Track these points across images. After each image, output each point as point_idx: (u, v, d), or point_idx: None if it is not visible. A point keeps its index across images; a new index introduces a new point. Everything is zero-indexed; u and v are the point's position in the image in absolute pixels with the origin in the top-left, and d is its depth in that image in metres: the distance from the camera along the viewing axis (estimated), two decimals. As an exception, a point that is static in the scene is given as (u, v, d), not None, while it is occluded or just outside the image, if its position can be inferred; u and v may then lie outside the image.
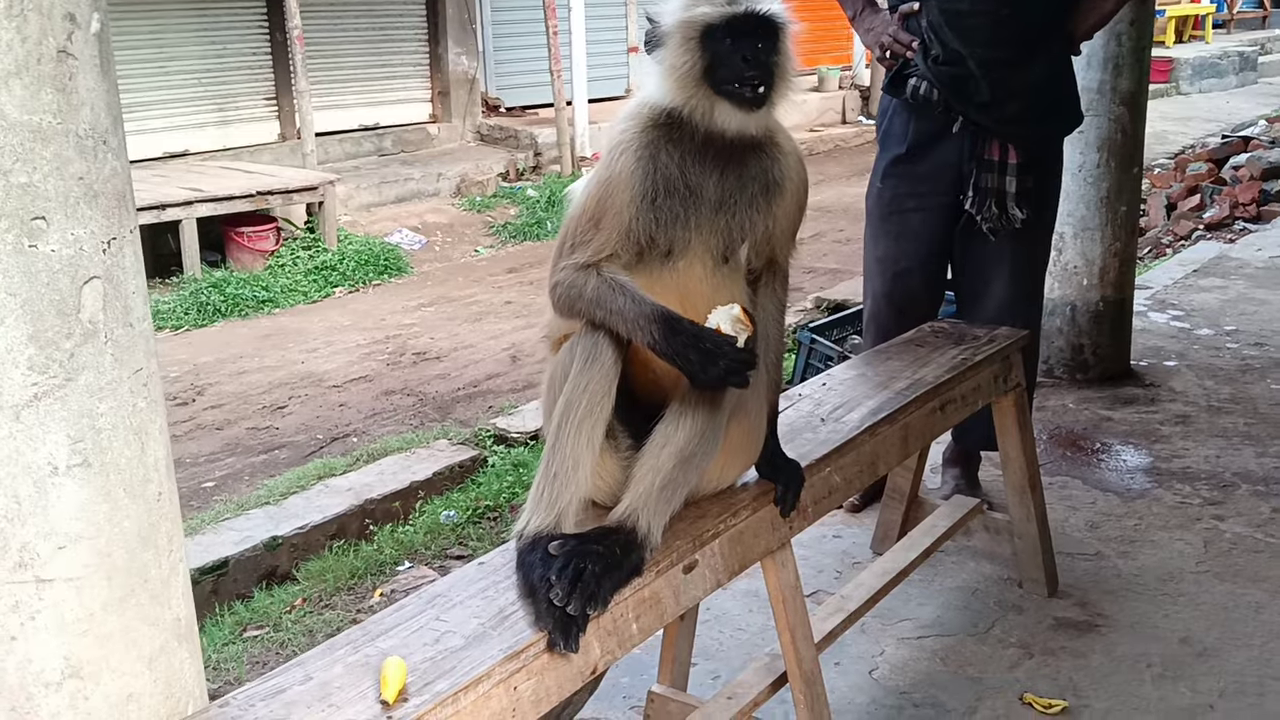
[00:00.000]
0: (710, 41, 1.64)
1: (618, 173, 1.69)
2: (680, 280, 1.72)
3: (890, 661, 2.57)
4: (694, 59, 1.65)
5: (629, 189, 1.68)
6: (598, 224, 1.69)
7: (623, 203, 1.68)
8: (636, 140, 1.70)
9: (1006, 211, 2.93)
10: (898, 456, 2.33)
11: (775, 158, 1.76)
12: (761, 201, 1.75)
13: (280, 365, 6.16)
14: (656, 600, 1.67)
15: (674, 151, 1.69)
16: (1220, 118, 12.93)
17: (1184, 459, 3.65)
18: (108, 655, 1.33)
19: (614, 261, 1.70)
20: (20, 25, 1.22)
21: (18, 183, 1.23)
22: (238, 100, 9.48)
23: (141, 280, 1.42)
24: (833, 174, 10.82)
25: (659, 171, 1.68)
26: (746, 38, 1.64)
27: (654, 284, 1.71)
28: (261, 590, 3.72)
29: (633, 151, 1.69)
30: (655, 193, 1.68)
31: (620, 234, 1.68)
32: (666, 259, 1.71)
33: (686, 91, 1.66)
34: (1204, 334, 4.91)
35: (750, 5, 1.64)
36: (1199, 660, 2.57)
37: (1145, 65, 4.22)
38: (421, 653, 1.43)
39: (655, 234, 1.69)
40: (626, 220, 1.68)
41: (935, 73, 2.90)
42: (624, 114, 1.76)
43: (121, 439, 1.35)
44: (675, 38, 1.66)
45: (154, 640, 1.39)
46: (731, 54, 1.64)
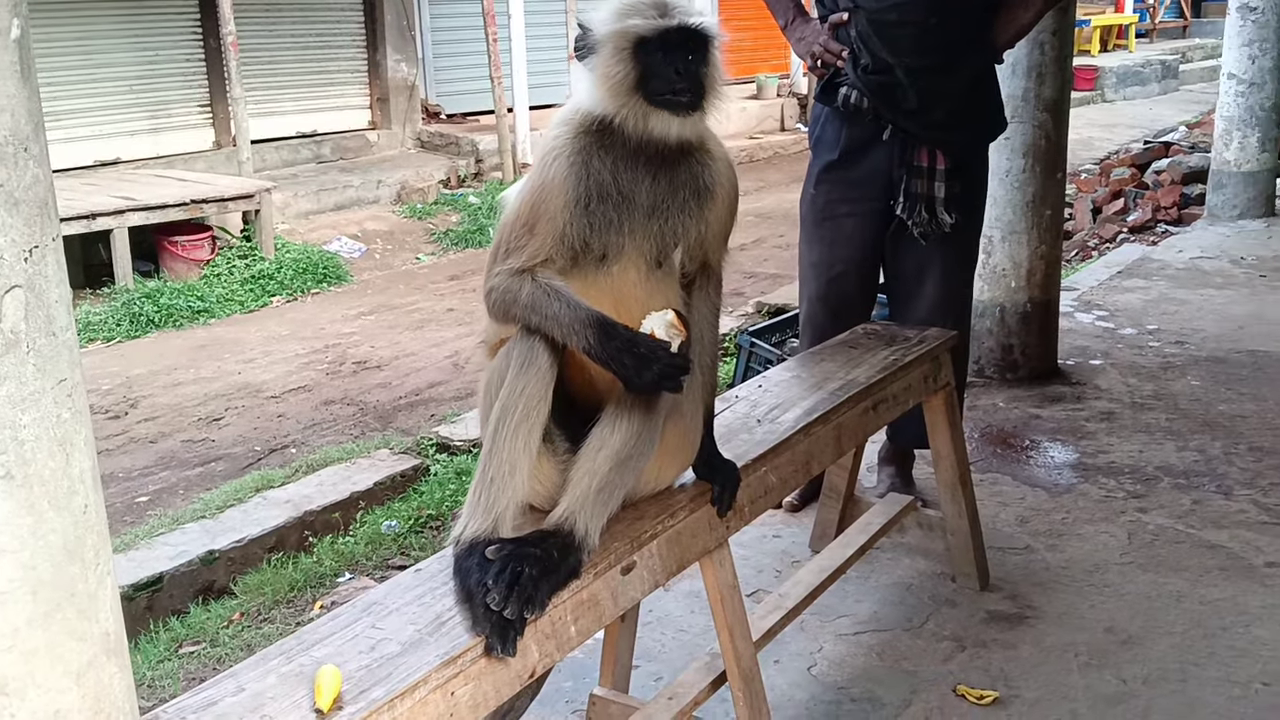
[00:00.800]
0: (642, 53, 1.67)
1: (551, 178, 1.70)
2: (615, 284, 1.74)
3: (828, 658, 2.61)
4: (626, 69, 1.67)
5: (562, 194, 1.69)
6: (532, 229, 1.70)
7: (556, 208, 1.69)
8: (569, 146, 1.72)
9: (936, 216, 3.01)
10: (832, 455, 2.37)
11: (706, 164, 1.79)
12: (693, 206, 1.78)
13: (216, 376, 6.07)
14: (595, 602, 1.69)
15: (606, 157, 1.71)
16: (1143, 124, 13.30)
17: (1109, 454, 3.76)
18: (33, 671, 1.31)
19: (549, 267, 1.71)
20: (-65, 31, 1.20)
21: (-67, 191, 1.21)
22: (171, 107, 9.31)
23: (65, 289, 1.40)
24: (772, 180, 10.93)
25: (592, 177, 1.70)
26: (677, 49, 1.67)
27: (589, 288, 1.72)
28: (198, 606, 3.66)
29: (565, 157, 1.71)
30: (589, 198, 1.70)
31: (554, 239, 1.69)
32: (601, 263, 1.73)
33: (619, 100, 1.68)
34: (1128, 333, 5.05)
35: (682, 19, 1.68)
36: (1123, 649, 2.64)
37: (1067, 73, 4.34)
38: (357, 660, 1.43)
39: (589, 239, 1.71)
40: (560, 225, 1.69)
41: (865, 81, 2.96)
42: (556, 120, 1.77)
43: (45, 451, 1.33)
44: (608, 48, 1.68)
45: (82, 655, 1.36)
46: (663, 65, 1.67)
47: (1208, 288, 5.75)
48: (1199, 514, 3.31)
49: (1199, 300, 5.52)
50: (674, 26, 1.66)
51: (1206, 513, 3.31)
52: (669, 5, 1.69)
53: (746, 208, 10.19)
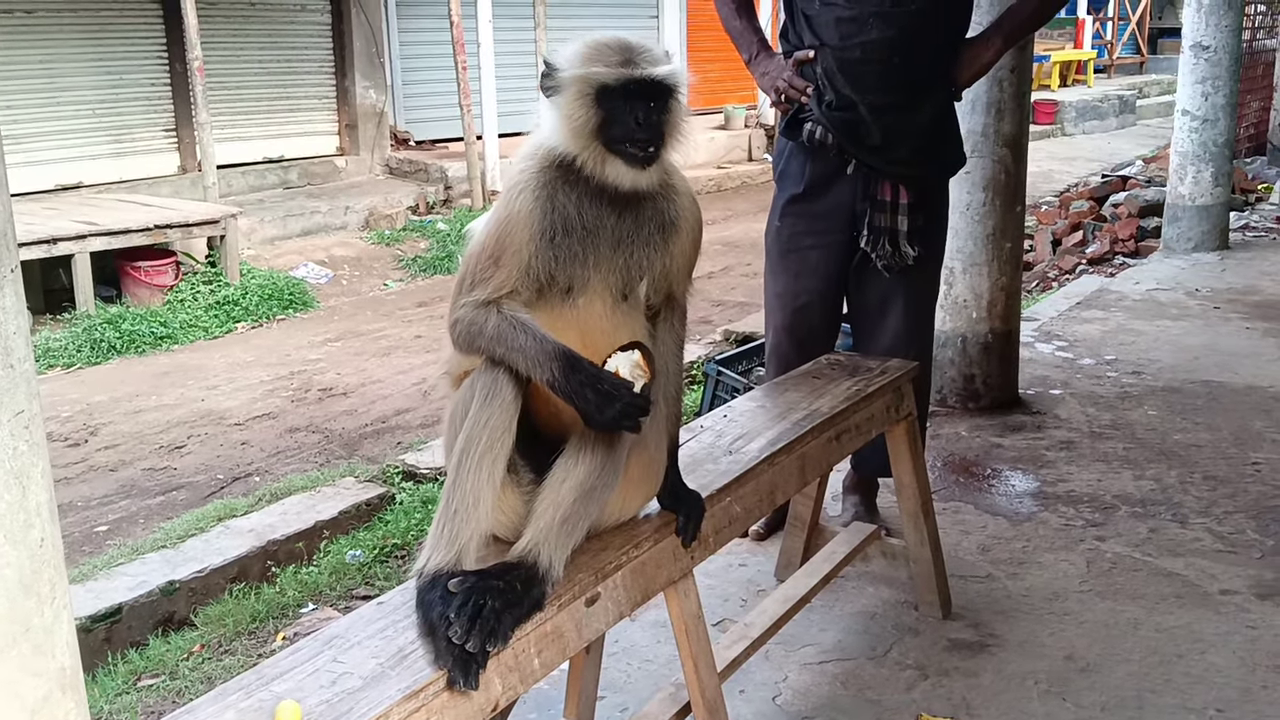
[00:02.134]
0: (604, 100, 1.68)
1: (516, 211, 1.72)
2: (580, 317, 1.75)
3: (793, 687, 2.61)
4: (588, 115, 1.69)
5: (528, 227, 1.71)
6: (497, 261, 1.71)
7: (522, 240, 1.70)
8: (534, 180, 1.73)
9: (899, 249, 3.05)
10: (796, 485, 2.39)
11: (670, 198, 1.81)
12: (658, 240, 1.80)
13: (179, 403, 6.00)
14: (559, 634, 1.69)
15: (571, 192, 1.73)
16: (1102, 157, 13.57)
17: (1068, 483, 3.80)
18: (-13, 707, 1.29)
19: (514, 299, 1.72)
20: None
21: (-109, 222, 1.20)
22: (135, 131, 9.25)
23: (23, 320, 1.39)
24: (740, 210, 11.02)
25: (557, 211, 1.72)
26: (639, 99, 1.69)
27: (555, 321, 1.73)
28: (158, 637, 3.60)
29: (530, 191, 1.72)
30: (554, 231, 1.71)
31: (520, 271, 1.71)
32: (566, 296, 1.74)
33: (580, 144, 1.70)
34: (1086, 363, 5.13)
35: (645, 70, 1.69)
36: (1082, 676, 2.67)
37: (1026, 109, 4.43)
38: (318, 695, 1.42)
39: (555, 271, 1.72)
40: (526, 258, 1.70)
41: (829, 117, 3.00)
42: (521, 153, 1.79)
43: (1, 483, 1.31)
44: (571, 91, 1.70)
45: (37, 690, 1.35)
46: (624, 114, 1.68)
47: (1164, 319, 5.85)
48: (1155, 542, 3.36)
49: (1155, 331, 5.62)
50: (637, 77, 1.68)
51: (1163, 541, 3.36)
52: (634, 52, 1.70)
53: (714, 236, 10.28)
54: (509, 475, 1.74)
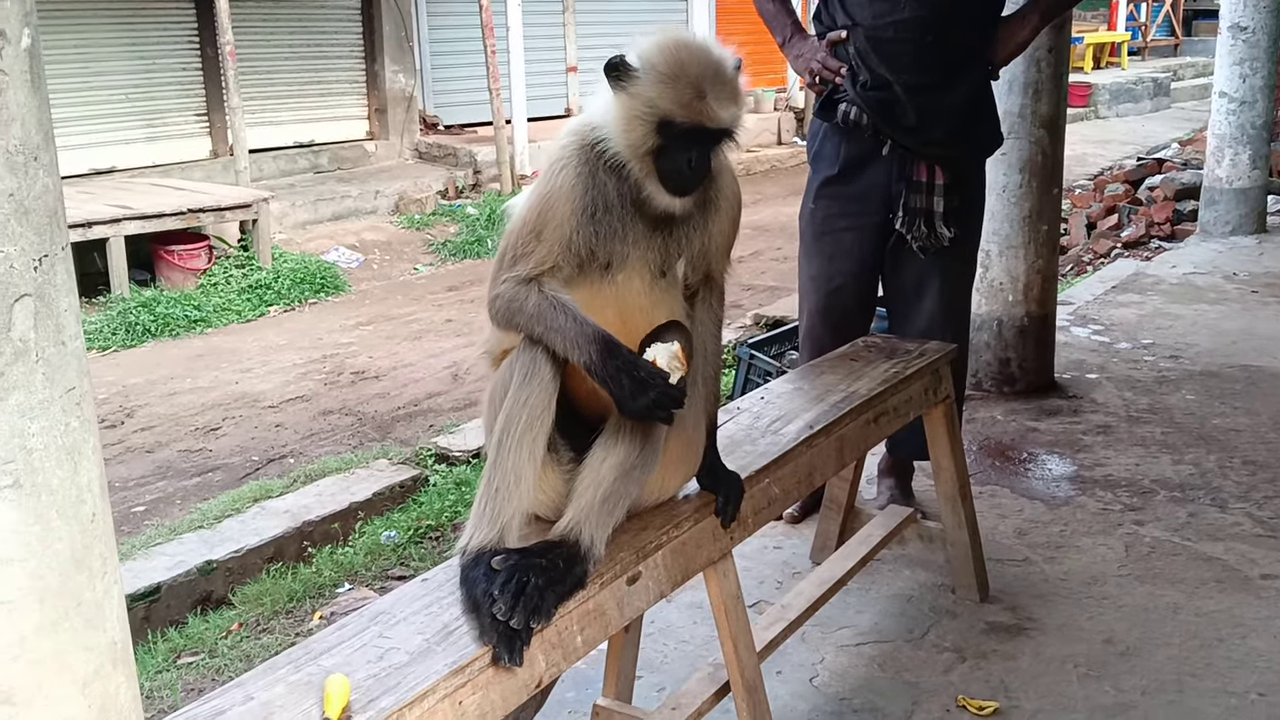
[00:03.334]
0: (665, 130, 1.66)
1: (558, 186, 1.72)
2: (619, 294, 1.75)
3: (830, 669, 2.61)
4: (644, 138, 1.67)
5: (569, 202, 1.70)
6: (539, 235, 1.71)
7: (563, 215, 1.70)
8: (577, 157, 1.73)
9: (935, 230, 3.02)
10: (834, 467, 2.38)
11: (711, 177, 1.80)
12: (698, 218, 1.79)
13: (213, 386, 6.06)
14: (601, 612, 1.69)
15: (611, 172, 1.72)
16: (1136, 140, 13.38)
17: (1106, 467, 3.77)
18: (40, 681, 1.31)
19: (555, 275, 1.72)
20: (-54, 40, 1.20)
21: (-55, 200, 1.21)
22: (167, 116, 9.32)
23: (74, 298, 1.40)
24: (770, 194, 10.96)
25: (597, 188, 1.71)
26: (698, 140, 1.68)
27: (593, 297, 1.73)
28: (196, 616, 3.65)
29: (573, 167, 1.72)
30: (595, 208, 1.71)
31: (561, 246, 1.71)
32: (605, 272, 1.74)
33: (629, 154, 1.69)
34: (1123, 348, 5.07)
35: (713, 116, 1.66)
36: (1122, 660, 2.65)
37: (1063, 90, 4.37)
38: (365, 670, 1.43)
39: (595, 247, 1.72)
40: (567, 233, 1.70)
41: (863, 98, 2.98)
42: (567, 129, 1.78)
43: (54, 459, 1.33)
44: (635, 104, 1.67)
45: (88, 665, 1.36)
46: (680, 152, 1.67)
47: (1201, 303, 5.78)
48: (1195, 527, 3.32)
49: (1193, 315, 5.55)
50: (704, 126, 1.66)
51: (1202, 525, 3.33)
52: (711, 84, 1.66)
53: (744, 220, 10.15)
54: (549, 454, 1.74)
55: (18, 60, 1.30)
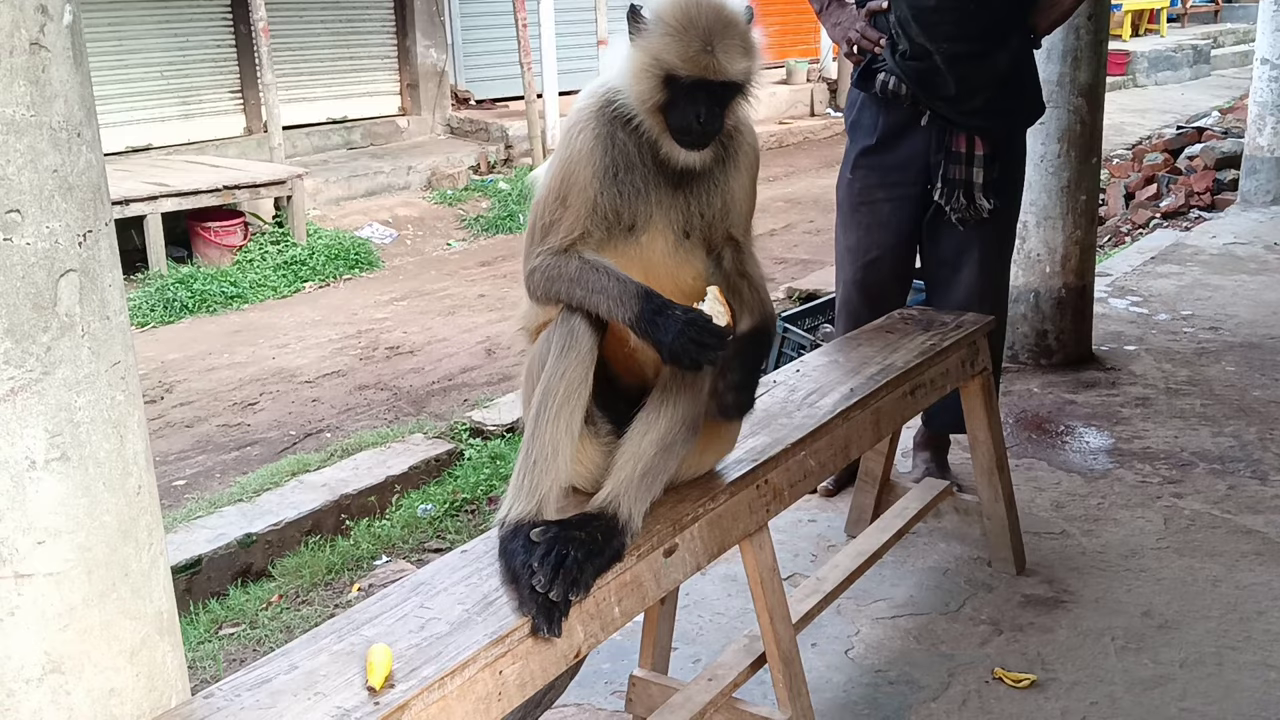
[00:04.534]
0: (671, 85, 1.65)
1: (578, 150, 1.72)
2: (644, 254, 1.75)
3: (865, 641, 2.61)
4: (652, 93, 1.66)
5: (590, 164, 1.70)
6: (564, 201, 1.71)
7: (586, 178, 1.70)
8: (594, 119, 1.72)
9: (974, 202, 2.99)
10: (870, 440, 2.37)
11: (730, 134, 1.78)
12: (718, 175, 1.78)
13: (250, 361, 6.12)
14: (638, 584, 1.70)
15: (630, 131, 1.71)
16: (1175, 109, 13.12)
17: (1144, 440, 3.73)
18: (89, 650, 1.33)
19: (586, 242, 1.72)
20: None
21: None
22: (201, 93, 9.38)
23: (118, 273, 1.42)
24: (802, 166, 10.87)
25: (617, 148, 1.71)
26: (706, 93, 1.65)
27: (620, 259, 1.73)
28: (237, 588, 3.71)
29: (590, 130, 1.72)
30: (616, 167, 1.71)
31: (588, 208, 1.70)
32: (630, 234, 1.74)
33: (642, 111, 1.69)
34: (1162, 319, 5.00)
35: (719, 69, 1.64)
36: (1160, 633, 2.63)
37: (1103, 58, 4.29)
38: (407, 639, 1.45)
39: (620, 207, 1.72)
40: (592, 195, 1.70)
41: (903, 67, 2.94)
42: (584, 94, 1.78)
43: (100, 432, 1.35)
44: (642, 61, 1.66)
45: (135, 634, 1.39)
46: (688, 106, 1.65)
47: (1241, 273, 5.68)
48: (1234, 499, 3.28)
49: (1233, 286, 5.45)
50: (708, 79, 1.64)
51: (1242, 498, 3.29)
52: (718, 36, 1.64)
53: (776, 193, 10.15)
54: (587, 426, 1.75)
55: (60, 36, 1.31)
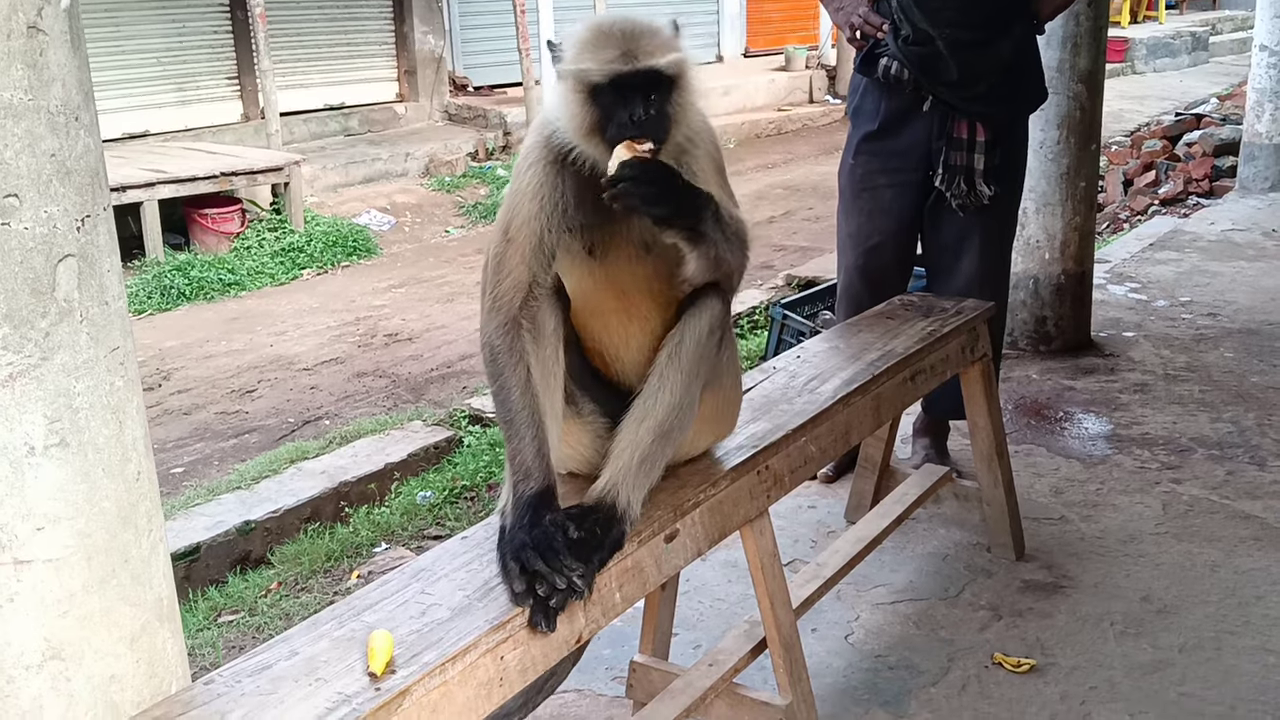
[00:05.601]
0: (599, 97, 1.59)
1: (524, 186, 1.69)
2: (609, 274, 1.73)
3: (865, 626, 2.62)
4: (584, 113, 1.60)
5: (536, 200, 1.67)
6: (508, 236, 1.68)
7: (530, 213, 1.66)
8: (541, 155, 1.68)
9: (975, 188, 2.98)
10: (870, 426, 2.37)
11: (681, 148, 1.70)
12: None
13: (248, 349, 6.12)
14: (639, 570, 1.70)
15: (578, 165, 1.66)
16: (1174, 96, 13.11)
17: (1143, 425, 3.73)
18: (89, 636, 1.33)
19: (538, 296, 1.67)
20: (-10, 0, 1.20)
21: (-11, 160, 1.22)
22: (198, 80, 9.35)
23: (116, 258, 1.41)
24: (801, 153, 10.85)
25: (566, 183, 1.67)
26: (635, 93, 1.59)
27: (585, 278, 1.72)
28: (235, 575, 3.71)
29: (540, 166, 1.68)
30: (565, 204, 1.67)
31: (532, 245, 1.66)
32: (591, 258, 1.71)
33: (578, 139, 1.63)
34: (1160, 305, 5.00)
35: (637, 62, 1.58)
36: (1159, 617, 2.64)
37: (1102, 44, 4.28)
38: (408, 625, 1.45)
39: (569, 242, 1.69)
40: (537, 231, 1.66)
41: (905, 53, 2.92)
42: (533, 126, 1.74)
43: (99, 418, 1.34)
44: (566, 86, 1.62)
45: (135, 620, 1.39)
46: (620, 110, 1.58)
47: (1239, 260, 5.68)
48: (1233, 485, 3.29)
49: (1231, 272, 5.45)
50: (627, 71, 1.57)
51: (1240, 484, 3.29)
52: (633, 40, 1.59)
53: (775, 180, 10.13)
54: (569, 407, 1.75)
55: (58, 20, 1.30)
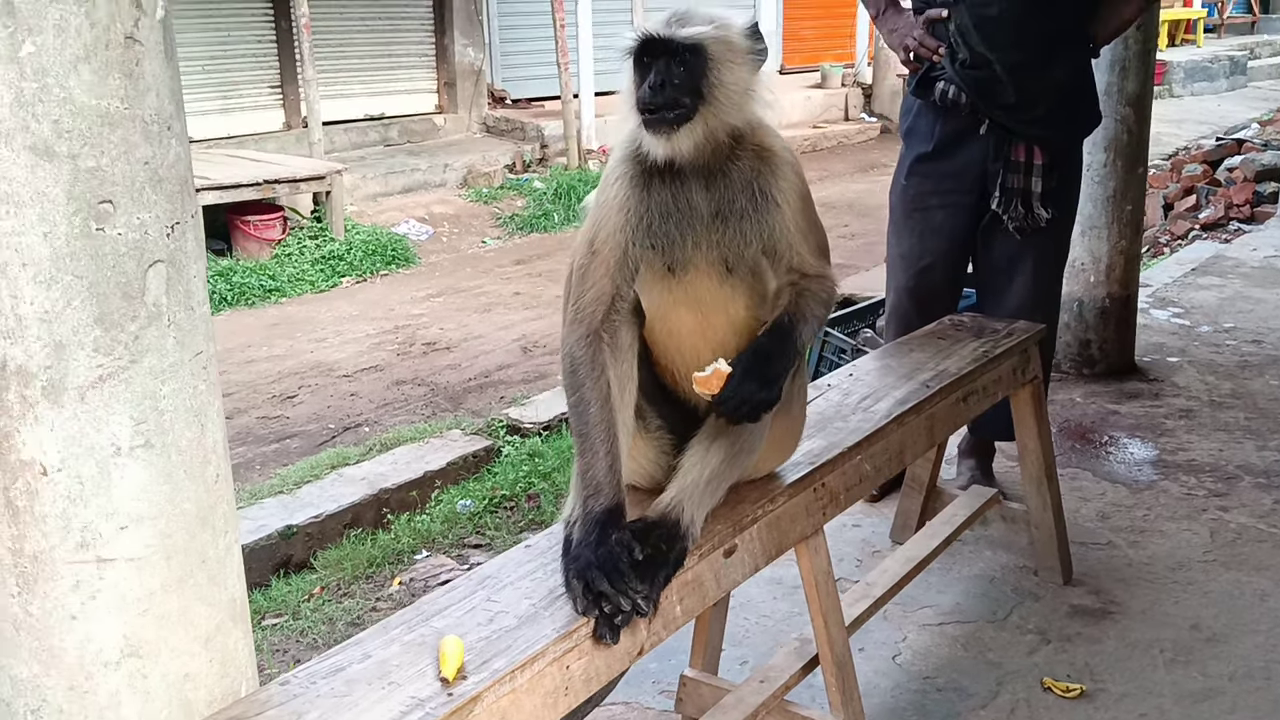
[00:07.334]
0: (637, 68, 1.60)
1: (610, 198, 1.70)
2: (689, 293, 1.73)
3: (913, 647, 2.61)
4: (628, 84, 1.63)
5: (621, 213, 1.68)
6: (593, 248, 1.70)
7: (616, 225, 1.68)
8: (630, 168, 1.70)
9: (1032, 211, 2.98)
10: (924, 446, 2.37)
11: (760, 167, 1.71)
12: (750, 213, 1.71)
13: (289, 354, 6.17)
14: (699, 583, 1.71)
15: (660, 175, 1.68)
16: (1212, 120, 13.01)
17: (1189, 452, 3.70)
18: (166, 635, 1.35)
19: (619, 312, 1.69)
20: (89, 10, 1.23)
21: (86, 167, 1.24)
22: (242, 88, 9.46)
23: (202, 264, 1.44)
24: (836, 170, 10.84)
25: (653, 197, 1.68)
26: (660, 61, 1.59)
27: (665, 295, 1.73)
28: (278, 579, 3.74)
29: (627, 180, 1.70)
30: (650, 218, 1.68)
31: (617, 257, 1.68)
32: (671, 274, 1.72)
33: (629, 117, 1.64)
34: (1204, 331, 4.96)
35: (658, 30, 1.59)
36: (1208, 646, 2.62)
37: (1150, 68, 4.27)
38: (476, 631, 1.46)
39: (651, 258, 1.70)
40: (622, 242, 1.68)
41: (962, 76, 2.93)
42: (619, 139, 1.75)
43: (183, 421, 1.37)
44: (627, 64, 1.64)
45: (210, 620, 1.41)
46: (646, 80, 1.60)
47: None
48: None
49: (1275, 299, 5.41)
50: (642, 36, 1.58)
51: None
52: (676, 17, 1.61)
53: (810, 197, 10.07)
54: (638, 421, 1.76)
55: (153, 31, 1.33)
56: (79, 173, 1.24)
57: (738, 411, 1.65)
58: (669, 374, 1.80)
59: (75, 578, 1.29)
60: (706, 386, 1.65)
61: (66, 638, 1.29)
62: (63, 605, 1.29)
